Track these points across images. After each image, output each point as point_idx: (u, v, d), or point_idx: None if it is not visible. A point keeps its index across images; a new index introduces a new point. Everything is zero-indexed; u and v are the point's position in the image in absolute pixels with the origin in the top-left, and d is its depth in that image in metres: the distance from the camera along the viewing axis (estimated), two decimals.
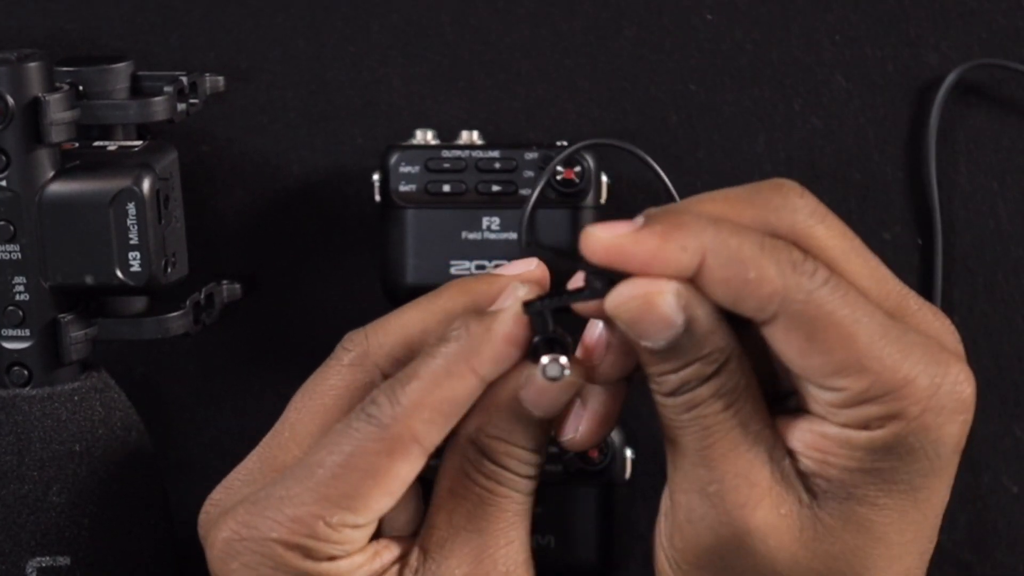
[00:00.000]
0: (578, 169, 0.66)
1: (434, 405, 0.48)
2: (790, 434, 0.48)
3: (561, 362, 0.48)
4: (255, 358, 0.73)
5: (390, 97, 0.71)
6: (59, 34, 0.70)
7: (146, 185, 0.61)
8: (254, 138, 0.71)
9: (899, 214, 0.71)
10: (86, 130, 0.64)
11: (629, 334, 0.47)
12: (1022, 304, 0.71)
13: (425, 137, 0.68)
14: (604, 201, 0.67)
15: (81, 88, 0.63)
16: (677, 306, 0.46)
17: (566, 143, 0.67)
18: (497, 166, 0.66)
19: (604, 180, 0.67)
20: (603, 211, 0.67)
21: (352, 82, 0.71)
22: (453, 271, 0.67)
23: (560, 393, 0.49)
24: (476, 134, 0.68)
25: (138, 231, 0.61)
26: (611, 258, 0.46)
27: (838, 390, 0.46)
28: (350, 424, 0.49)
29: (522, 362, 0.49)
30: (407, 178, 0.66)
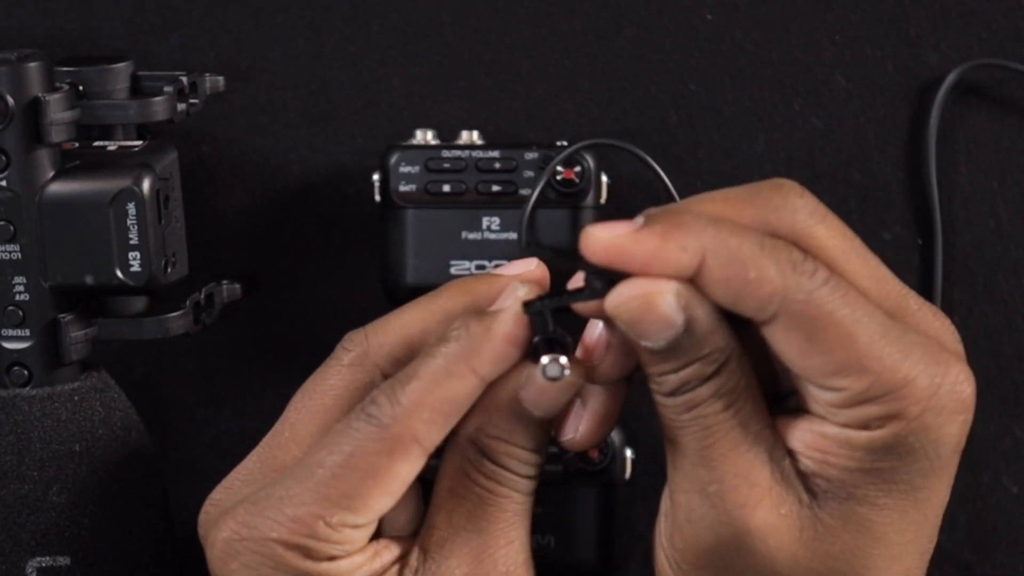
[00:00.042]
0: (578, 169, 0.66)
1: (434, 405, 0.48)
2: (790, 434, 0.48)
3: (561, 362, 0.48)
4: (255, 358, 0.73)
5: (390, 97, 0.71)
6: (59, 34, 0.70)
7: (146, 185, 0.61)
8: (254, 138, 0.71)
9: (899, 214, 0.71)
10: (86, 130, 0.64)
11: (629, 334, 0.47)
12: (1022, 304, 0.71)
13: (425, 137, 0.68)
14: (604, 201, 0.67)
15: (81, 88, 0.63)
16: (677, 306, 0.46)
17: (566, 143, 0.67)
18: (497, 166, 0.66)
19: (604, 180, 0.67)
20: (603, 211, 0.67)
21: (352, 82, 0.71)
22: (453, 271, 0.67)
23: (560, 393, 0.49)
24: (476, 134, 0.68)
25: (138, 231, 0.61)
26: (611, 258, 0.46)
27: (838, 390, 0.46)
28: (350, 424, 0.49)
29: (522, 362, 0.49)
30: (407, 178, 0.66)
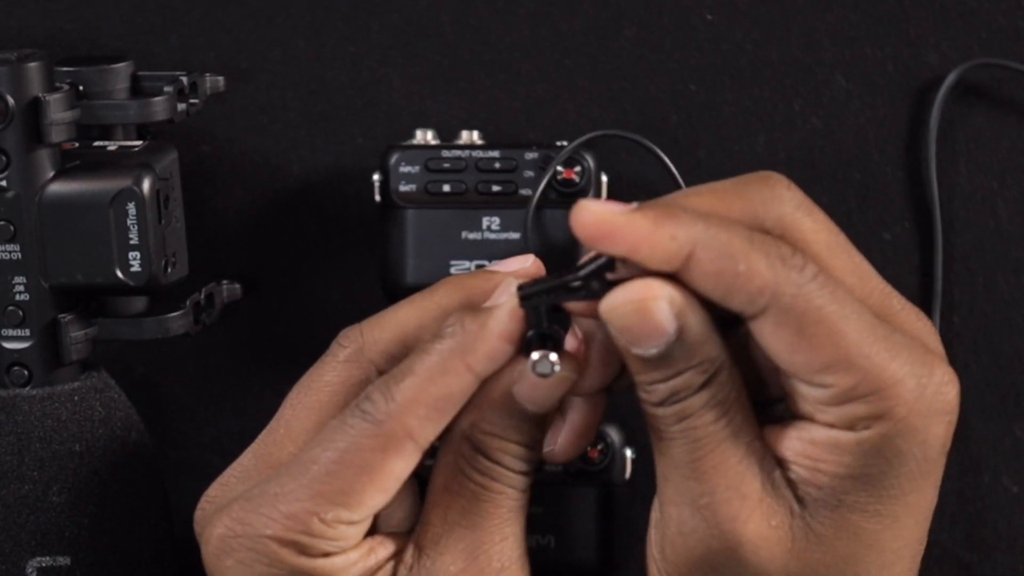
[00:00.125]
0: (578, 169, 0.66)
1: (429, 401, 0.48)
2: (779, 443, 0.48)
3: (551, 359, 0.48)
4: (255, 358, 0.73)
5: (390, 97, 0.71)
6: (59, 34, 0.70)
7: (146, 185, 0.61)
8: (254, 138, 0.71)
9: (899, 214, 0.71)
10: (86, 130, 0.64)
11: (620, 340, 0.47)
12: (1022, 304, 0.71)
13: (425, 137, 0.68)
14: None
15: (81, 88, 0.63)
16: (670, 313, 0.46)
17: (566, 143, 0.67)
18: (497, 166, 0.66)
19: (604, 180, 0.67)
20: None
21: (352, 82, 0.71)
22: (453, 271, 0.67)
23: (553, 389, 0.49)
24: (476, 134, 0.68)
25: (138, 231, 0.61)
26: (600, 234, 0.46)
27: (826, 387, 0.46)
28: (345, 420, 0.49)
29: (516, 358, 0.49)
30: (407, 178, 0.66)
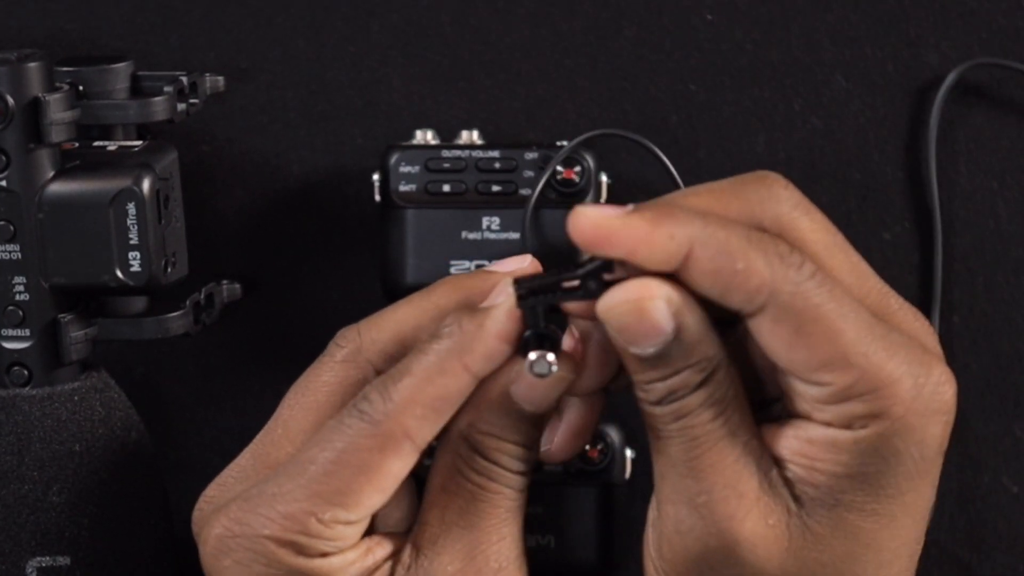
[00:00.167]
0: (578, 169, 0.66)
1: (426, 401, 0.48)
2: (776, 442, 0.48)
3: (548, 359, 0.48)
4: (255, 358, 0.73)
5: (390, 97, 0.71)
6: (59, 34, 0.70)
7: (146, 185, 0.61)
8: (254, 138, 0.71)
9: (899, 214, 0.71)
10: (86, 130, 0.64)
11: (618, 340, 0.47)
12: (1022, 304, 0.71)
13: (425, 137, 0.68)
14: (604, 201, 0.67)
15: (81, 88, 0.63)
16: (668, 312, 0.46)
17: (566, 143, 0.67)
18: (497, 166, 0.66)
19: (604, 180, 0.67)
20: None
21: (352, 82, 0.71)
22: (453, 271, 0.67)
23: (550, 389, 0.49)
24: (476, 134, 0.68)
25: (138, 231, 0.61)
26: (598, 238, 0.46)
27: (823, 385, 0.46)
28: (342, 421, 0.49)
29: (513, 357, 0.49)
30: (407, 178, 0.66)
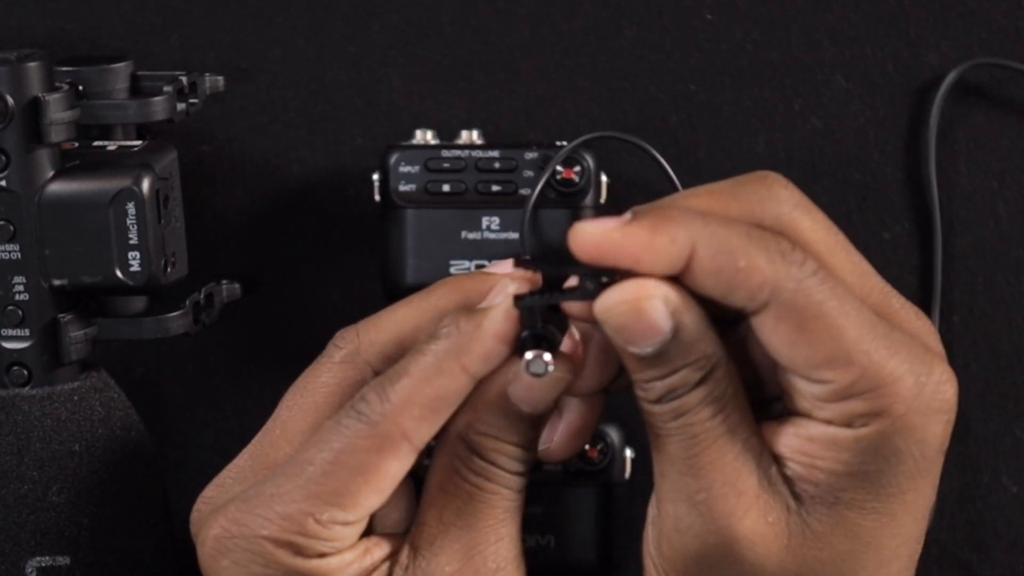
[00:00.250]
0: (578, 169, 0.66)
1: (423, 402, 0.48)
2: (776, 440, 0.48)
3: (545, 359, 0.48)
4: (255, 358, 0.73)
5: (390, 97, 0.71)
6: (59, 34, 0.70)
7: (146, 185, 0.61)
8: (254, 138, 0.71)
9: (899, 214, 0.71)
10: (86, 130, 0.64)
11: (616, 340, 0.47)
12: (1022, 304, 0.71)
13: (425, 137, 0.68)
14: (604, 201, 0.67)
15: (81, 88, 0.63)
16: (665, 312, 0.46)
17: (566, 143, 0.67)
18: (497, 166, 0.66)
19: (604, 180, 0.67)
20: (603, 211, 0.67)
21: (352, 82, 0.71)
22: (453, 271, 0.67)
23: (547, 390, 0.49)
24: (476, 134, 0.68)
25: (138, 231, 0.61)
26: (601, 253, 0.46)
27: (825, 383, 0.46)
28: (340, 421, 0.49)
29: (511, 358, 0.49)
30: (407, 178, 0.66)
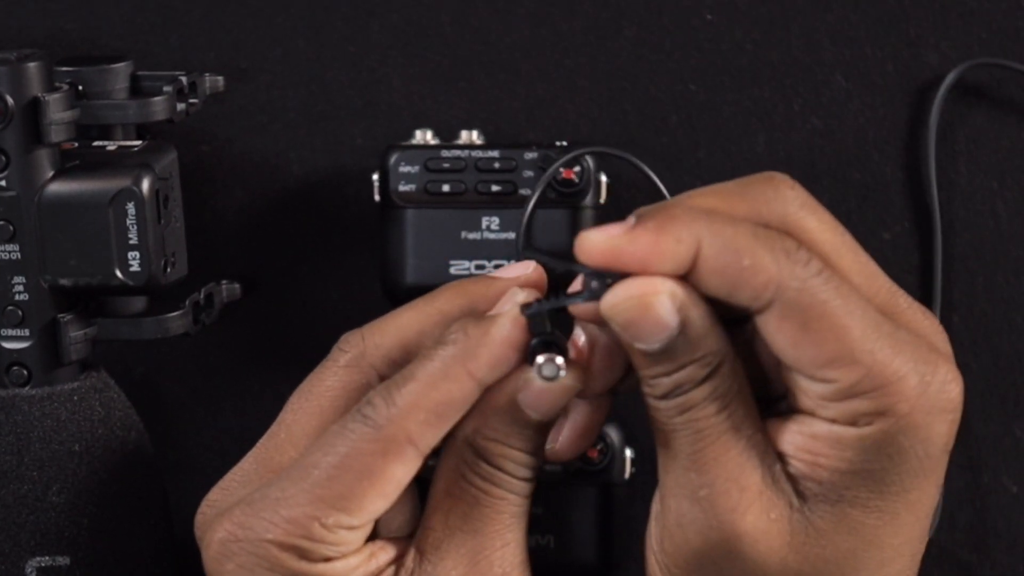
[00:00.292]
0: (577, 169, 0.66)
1: (430, 407, 0.48)
2: (780, 437, 0.48)
3: (557, 362, 0.48)
4: (255, 358, 0.73)
5: (390, 97, 0.71)
6: (59, 34, 0.70)
7: (146, 185, 0.61)
8: (254, 138, 0.71)
9: (899, 214, 0.71)
10: (86, 130, 0.64)
11: (623, 337, 0.47)
12: (1022, 304, 0.71)
13: (425, 137, 0.68)
14: (603, 201, 0.67)
15: (81, 88, 0.63)
16: (672, 308, 0.46)
17: (566, 143, 0.67)
18: (497, 166, 0.66)
19: (603, 180, 0.67)
20: (602, 211, 0.67)
21: (352, 82, 0.71)
22: (453, 271, 0.67)
23: (558, 396, 0.49)
24: (476, 134, 0.68)
25: (137, 231, 0.61)
26: (608, 260, 0.46)
27: (829, 382, 0.46)
28: (345, 425, 0.49)
29: (520, 366, 0.49)
30: (407, 178, 0.66)
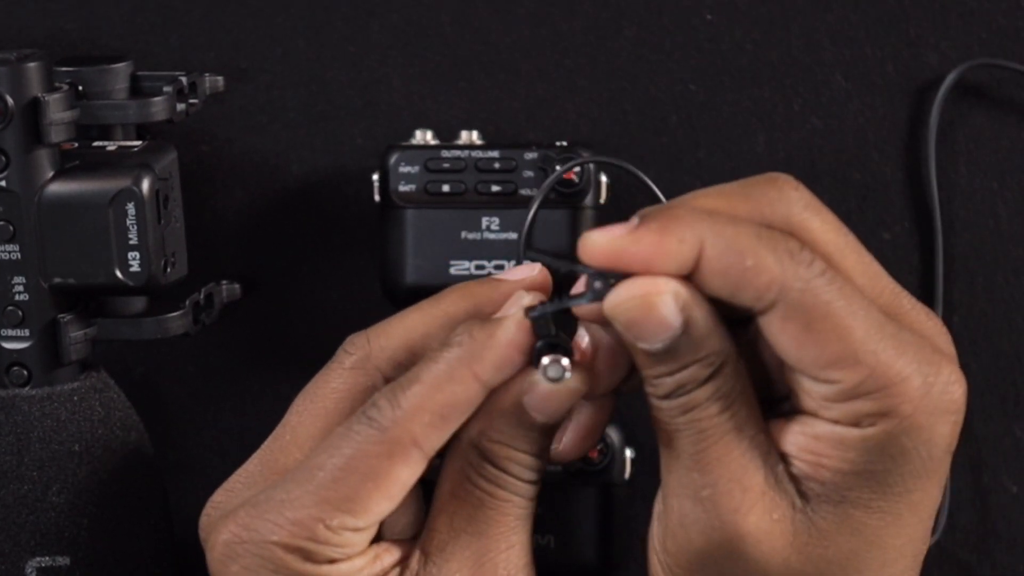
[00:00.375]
0: (578, 169, 0.66)
1: (435, 409, 0.48)
2: (783, 438, 0.48)
3: (563, 363, 0.48)
4: (255, 358, 0.73)
5: (390, 97, 0.71)
6: (59, 34, 0.70)
7: (146, 185, 0.61)
8: (254, 138, 0.71)
9: (899, 214, 0.71)
10: (86, 130, 0.64)
11: (626, 336, 0.47)
12: (1022, 304, 0.71)
13: (425, 137, 0.68)
14: (604, 201, 0.67)
15: (81, 88, 0.63)
16: (675, 307, 0.46)
17: (566, 143, 0.67)
18: (497, 166, 0.66)
19: (603, 180, 0.67)
20: (602, 211, 0.67)
21: (352, 82, 0.71)
22: (453, 271, 0.67)
23: (563, 398, 0.49)
24: (476, 134, 0.68)
25: (137, 231, 0.61)
26: (611, 260, 0.46)
27: (832, 383, 0.46)
28: (351, 427, 0.49)
29: (526, 368, 0.49)
30: (407, 178, 0.66)
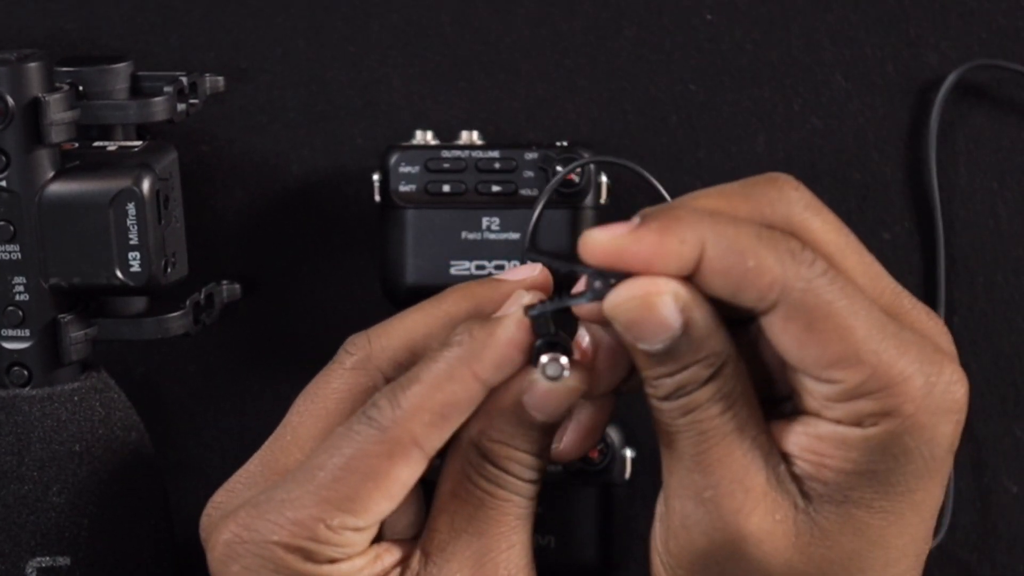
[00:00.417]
0: (578, 169, 0.66)
1: (435, 409, 0.48)
2: (785, 438, 0.48)
3: (562, 362, 0.48)
4: (255, 358, 0.73)
5: (390, 97, 0.71)
6: (59, 34, 0.70)
7: (146, 185, 0.61)
8: (254, 138, 0.71)
9: (899, 214, 0.71)
10: (86, 130, 0.64)
11: (626, 337, 0.47)
12: (1022, 304, 0.71)
13: (425, 137, 0.68)
14: (604, 201, 0.67)
15: (81, 88, 0.63)
16: (675, 308, 0.46)
17: (566, 143, 0.67)
18: (497, 166, 0.66)
19: (604, 180, 0.67)
20: (603, 211, 0.67)
21: (352, 82, 0.71)
22: (453, 271, 0.67)
23: (562, 397, 0.49)
24: (476, 134, 0.68)
25: (138, 231, 0.61)
26: (612, 260, 0.46)
27: (834, 382, 0.46)
28: (351, 427, 0.49)
29: (525, 367, 0.49)
30: (407, 178, 0.66)
